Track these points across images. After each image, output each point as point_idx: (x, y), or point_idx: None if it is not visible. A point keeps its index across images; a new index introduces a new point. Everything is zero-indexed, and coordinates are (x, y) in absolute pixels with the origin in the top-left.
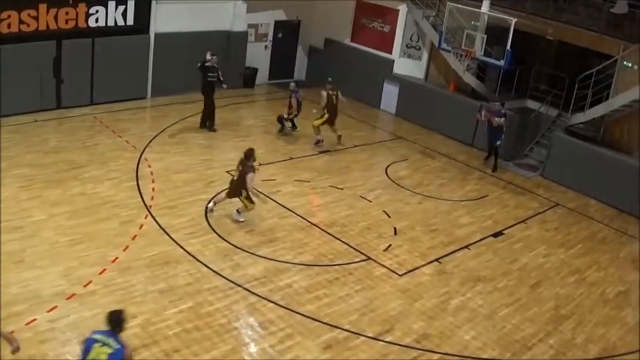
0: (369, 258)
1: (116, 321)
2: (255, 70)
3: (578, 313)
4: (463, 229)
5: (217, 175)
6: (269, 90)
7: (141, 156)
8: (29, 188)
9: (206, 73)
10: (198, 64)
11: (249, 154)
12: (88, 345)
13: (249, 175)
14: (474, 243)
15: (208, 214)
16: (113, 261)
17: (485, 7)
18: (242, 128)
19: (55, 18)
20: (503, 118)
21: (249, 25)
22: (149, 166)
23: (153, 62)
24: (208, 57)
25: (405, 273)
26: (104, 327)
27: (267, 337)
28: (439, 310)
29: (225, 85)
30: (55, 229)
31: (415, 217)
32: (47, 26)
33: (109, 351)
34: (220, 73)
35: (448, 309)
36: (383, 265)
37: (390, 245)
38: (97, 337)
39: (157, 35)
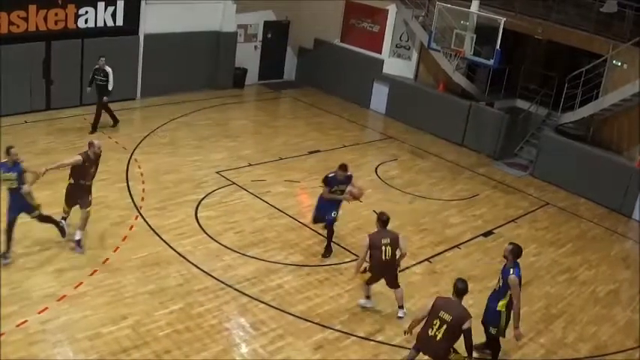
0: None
1: None
2: (244, 71)
3: (569, 312)
4: (453, 229)
5: (207, 175)
6: (259, 90)
7: (131, 157)
8: None
9: (94, 76)
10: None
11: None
12: None
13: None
14: (465, 242)
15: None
16: (104, 262)
17: (474, 7)
18: (232, 129)
19: (45, 19)
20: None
21: (239, 26)
22: (139, 167)
23: (142, 63)
24: (101, 61)
25: None
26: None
27: (259, 338)
28: None
29: (105, 98)
30: (46, 231)
31: (405, 217)
32: (37, 27)
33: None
34: (110, 79)
35: None
36: None
37: None
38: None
39: (146, 36)
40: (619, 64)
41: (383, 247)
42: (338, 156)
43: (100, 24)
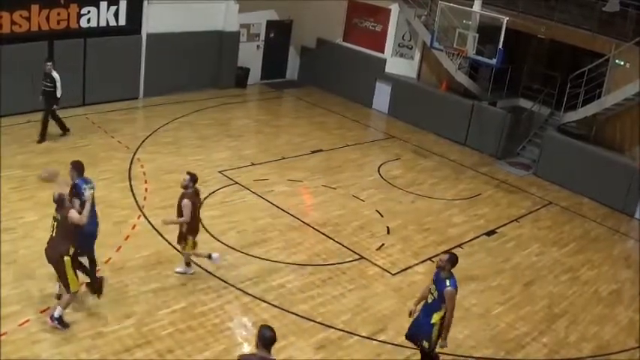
0: (362, 257)
1: None
2: (247, 70)
3: (572, 311)
4: (456, 228)
5: (209, 175)
6: (261, 90)
7: (133, 156)
8: (21, 189)
9: (41, 81)
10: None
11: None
12: None
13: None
14: (467, 242)
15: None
16: (106, 262)
17: (477, 6)
18: (234, 128)
19: (47, 19)
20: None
21: (242, 25)
22: (142, 167)
23: (145, 62)
24: (47, 66)
25: (398, 272)
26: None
27: None
28: None
29: (55, 106)
30: (48, 230)
31: (408, 216)
32: (39, 27)
33: None
34: (58, 85)
35: None
36: (376, 265)
37: (383, 244)
38: None
39: (149, 35)
40: (621, 63)
41: None
42: (341, 155)
43: (103, 24)
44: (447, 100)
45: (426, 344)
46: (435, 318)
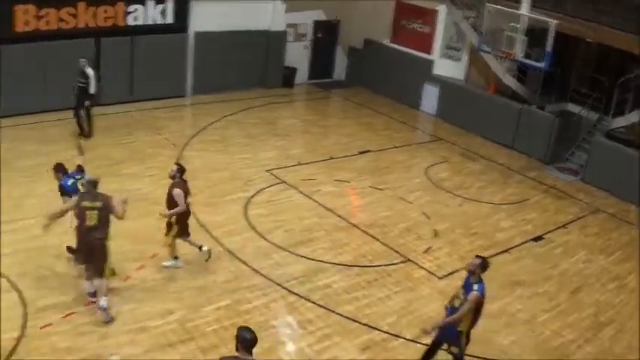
0: (409, 260)
1: None
2: (294, 70)
3: (618, 320)
4: (503, 233)
5: (257, 173)
6: (308, 90)
7: (180, 154)
8: None
9: (76, 77)
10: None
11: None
12: None
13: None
14: (514, 247)
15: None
16: (152, 257)
17: (524, 9)
18: (281, 127)
19: (94, 16)
20: None
21: (289, 25)
22: (188, 164)
23: (192, 61)
24: (81, 63)
25: (445, 276)
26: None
27: (305, 337)
28: None
29: (87, 102)
30: None
31: (455, 220)
32: (86, 24)
33: None
34: (91, 82)
35: (486, 313)
36: (422, 268)
37: (430, 247)
38: None
39: (196, 34)
40: None
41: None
42: (388, 156)
43: (150, 21)
44: (495, 103)
45: (455, 350)
46: (463, 325)
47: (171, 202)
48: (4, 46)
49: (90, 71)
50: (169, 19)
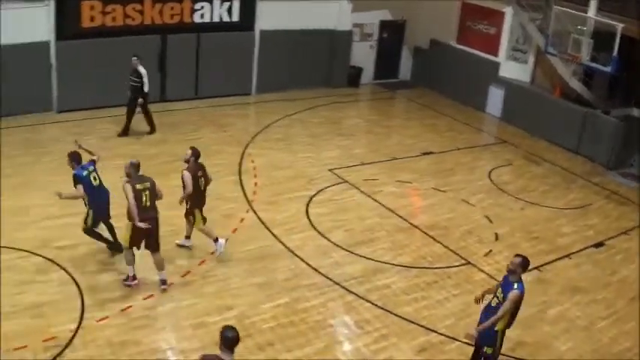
0: (469, 262)
1: None
2: (359, 70)
3: None
4: (564, 238)
5: (319, 172)
6: (373, 90)
7: (244, 151)
8: None
9: (129, 76)
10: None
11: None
12: None
13: None
14: (575, 253)
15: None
16: (213, 253)
17: (591, 12)
18: (345, 127)
19: (160, 13)
20: None
21: (355, 25)
22: (252, 162)
23: (257, 59)
24: (134, 60)
25: None
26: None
27: (362, 337)
28: (536, 319)
29: (141, 100)
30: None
31: (517, 224)
32: (152, 20)
33: None
34: (145, 80)
35: (545, 318)
36: (482, 271)
37: (491, 251)
38: None
39: (262, 32)
40: None
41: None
42: (451, 158)
43: (216, 19)
44: (560, 107)
45: (489, 350)
46: (500, 324)
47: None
48: (70, 41)
49: (142, 70)
50: (235, 17)
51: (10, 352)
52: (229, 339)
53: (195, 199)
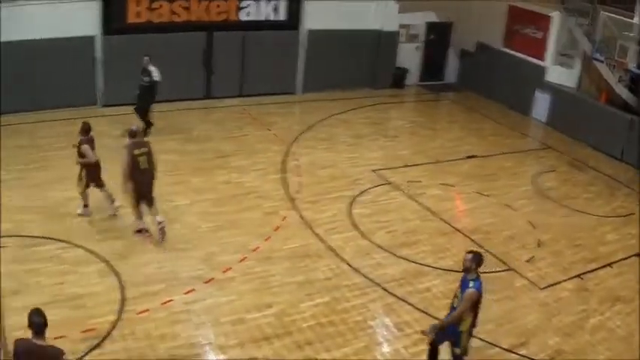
0: (511, 268)
1: None
2: (405, 71)
3: None
4: (607, 247)
5: (362, 173)
6: (418, 91)
7: (288, 150)
8: (174, 174)
9: (140, 76)
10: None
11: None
12: None
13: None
14: (617, 262)
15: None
16: (254, 250)
17: (638, 18)
18: (389, 128)
19: (207, 10)
20: None
21: (401, 26)
22: (296, 160)
23: (303, 58)
24: (145, 60)
25: (546, 287)
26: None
27: (402, 339)
28: (576, 327)
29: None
30: (198, 215)
31: (560, 230)
32: (198, 18)
33: None
34: (156, 79)
35: (585, 327)
36: (524, 277)
37: (533, 257)
38: None
39: (308, 31)
40: None
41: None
42: (495, 162)
43: (262, 17)
44: (606, 113)
45: (457, 351)
46: (463, 326)
47: (81, 156)
48: (116, 36)
49: (153, 68)
50: (282, 15)
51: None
52: (36, 323)
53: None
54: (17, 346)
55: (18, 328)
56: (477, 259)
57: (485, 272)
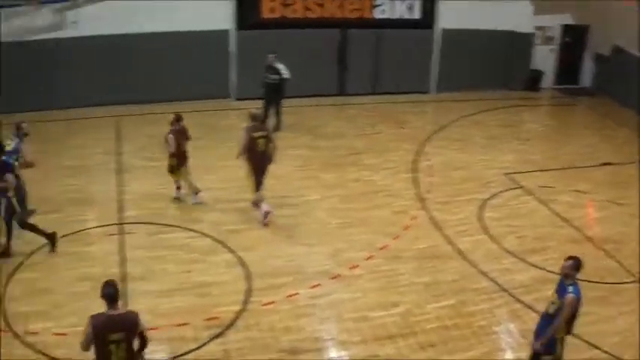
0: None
1: None
2: (539, 74)
3: None
4: None
5: (494, 176)
6: (553, 95)
7: (420, 149)
8: (305, 169)
9: (265, 74)
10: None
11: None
12: None
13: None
14: None
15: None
16: (382, 248)
17: None
18: (522, 131)
19: (341, 7)
20: None
21: (536, 27)
22: (428, 160)
23: (437, 57)
24: (270, 57)
25: None
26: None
27: (525, 347)
28: None
29: (280, 98)
30: (328, 211)
31: None
32: (332, 14)
33: None
34: (284, 74)
35: None
36: None
37: None
38: None
39: (442, 31)
40: None
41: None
42: (629, 171)
43: (396, 16)
44: None
45: (548, 358)
46: (560, 331)
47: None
48: (249, 31)
49: (281, 66)
50: (416, 14)
51: (172, 328)
52: (106, 295)
53: (178, 157)
54: (94, 321)
55: (144, 313)
56: (578, 265)
57: (613, 283)
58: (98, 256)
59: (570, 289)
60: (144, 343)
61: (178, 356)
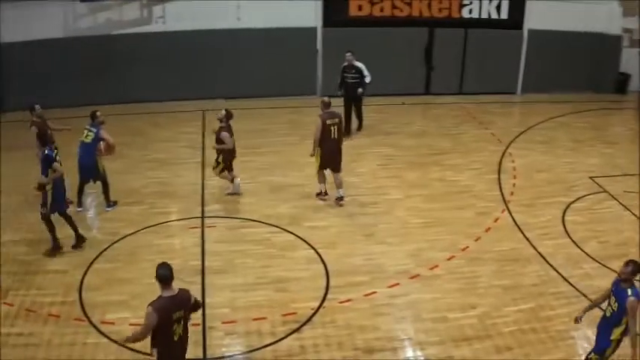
0: None
1: None
2: (628, 77)
3: None
4: None
5: (579, 179)
6: None
7: (505, 150)
8: (388, 167)
9: (343, 74)
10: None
11: None
12: None
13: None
14: None
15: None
16: (463, 249)
17: None
18: (609, 135)
19: (429, 6)
20: None
21: (624, 30)
22: (512, 162)
23: (525, 58)
24: (349, 56)
25: None
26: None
27: None
28: None
29: (360, 89)
30: (409, 210)
31: None
32: (420, 13)
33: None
34: (365, 74)
35: None
36: None
37: None
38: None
39: (530, 32)
40: None
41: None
42: None
43: (485, 15)
44: None
45: (595, 357)
46: (616, 333)
47: (220, 142)
48: (336, 28)
49: (362, 66)
50: (504, 14)
51: (249, 322)
52: (160, 276)
53: (228, 154)
54: (158, 305)
55: (221, 306)
56: (637, 270)
57: None
58: (179, 248)
59: (629, 291)
60: (197, 307)
61: (255, 350)
